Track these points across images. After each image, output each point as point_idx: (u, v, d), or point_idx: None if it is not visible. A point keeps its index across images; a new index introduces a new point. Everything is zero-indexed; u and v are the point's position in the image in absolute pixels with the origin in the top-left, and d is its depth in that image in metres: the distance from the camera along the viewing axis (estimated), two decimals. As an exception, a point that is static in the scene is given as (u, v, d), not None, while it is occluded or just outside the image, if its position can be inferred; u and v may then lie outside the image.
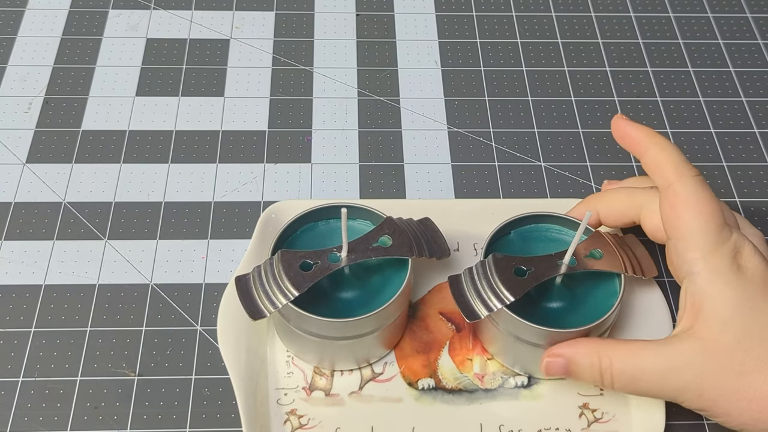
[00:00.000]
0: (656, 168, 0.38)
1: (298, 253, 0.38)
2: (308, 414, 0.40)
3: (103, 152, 0.50)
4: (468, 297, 0.38)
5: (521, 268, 0.38)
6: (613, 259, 0.39)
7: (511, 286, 0.37)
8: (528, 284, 0.38)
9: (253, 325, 0.41)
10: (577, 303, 0.39)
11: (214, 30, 0.58)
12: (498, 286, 0.37)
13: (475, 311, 0.38)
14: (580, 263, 0.39)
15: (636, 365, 0.36)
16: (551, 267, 0.39)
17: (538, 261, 0.39)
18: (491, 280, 0.38)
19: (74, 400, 0.40)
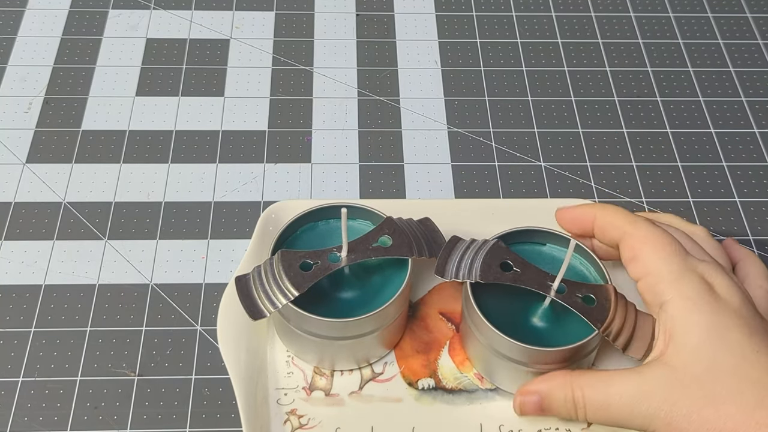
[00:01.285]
0: (608, 225, 0.39)
1: (298, 253, 0.38)
2: (308, 414, 0.40)
3: (103, 152, 0.50)
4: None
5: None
6: (601, 315, 0.37)
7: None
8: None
9: (253, 325, 0.41)
10: (563, 324, 0.39)
11: (214, 30, 0.58)
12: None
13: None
14: (568, 298, 0.37)
15: (607, 392, 0.35)
16: (540, 283, 0.38)
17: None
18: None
19: (74, 400, 0.40)
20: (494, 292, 0.39)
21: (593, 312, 0.37)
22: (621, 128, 0.53)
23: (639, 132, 0.53)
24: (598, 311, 0.37)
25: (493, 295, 0.39)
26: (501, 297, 0.39)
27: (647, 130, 0.53)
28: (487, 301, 0.38)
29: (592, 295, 0.37)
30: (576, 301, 0.37)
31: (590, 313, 0.37)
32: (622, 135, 0.53)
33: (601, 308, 0.37)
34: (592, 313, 0.37)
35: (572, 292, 0.38)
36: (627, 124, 0.53)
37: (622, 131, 0.53)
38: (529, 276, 0.38)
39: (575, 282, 0.38)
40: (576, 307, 0.37)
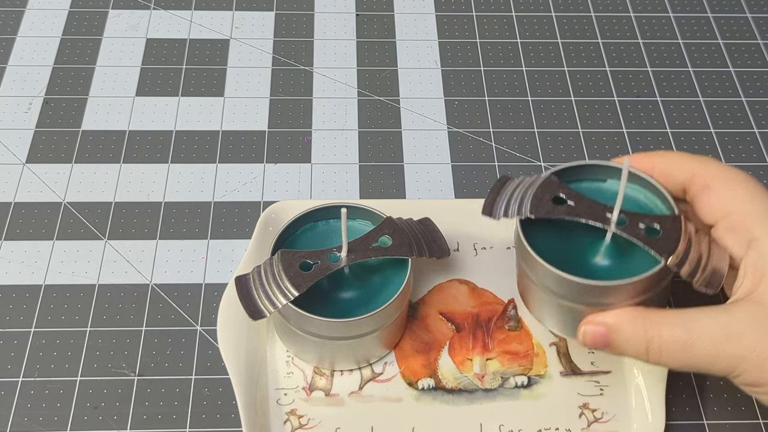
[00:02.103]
0: (672, 168, 0.37)
1: (298, 253, 0.38)
2: (308, 414, 0.40)
3: (103, 152, 0.50)
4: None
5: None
6: (667, 245, 0.34)
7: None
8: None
9: (253, 325, 0.41)
10: (626, 262, 0.36)
11: (214, 30, 0.58)
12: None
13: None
14: (630, 230, 0.35)
15: (688, 331, 0.32)
16: (596, 215, 0.35)
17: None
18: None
19: (74, 400, 0.40)
20: (548, 230, 0.36)
21: (659, 243, 0.34)
22: (621, 128, 0.53)
23: (639, 132, 0.53)
24: (664, 242, 0.34)
25: (546, 234, 0.36)
26: (556, 236, 0.37)
27: (647, 130, 0.53)
28: (541, 241, 0.36)
29: (656, 225, 0.34)
30: (638, 233, 0.34)
31: (655, 244, 0.34)
32: (622, 135, 0.53)
33: (667, 238, 0.34)
34: (657, 244, 0.34)
35: (634, 224, 0.35)
36: (627, 124, 0.53)
37: (622, 131, 0.53)
38: (585, 209, 0.35)
39: (637, 213, 0.35)
40: (639, 239, 0.34)
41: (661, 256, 0.33)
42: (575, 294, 0.35)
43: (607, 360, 0.42)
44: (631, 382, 0.41)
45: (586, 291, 0.34)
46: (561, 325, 0.38)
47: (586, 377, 0.41)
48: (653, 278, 0.34)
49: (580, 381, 0.41)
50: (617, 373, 0.42)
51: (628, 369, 0.41)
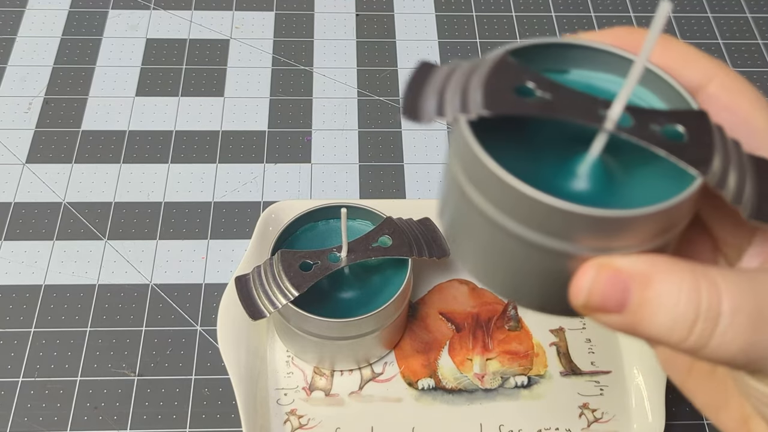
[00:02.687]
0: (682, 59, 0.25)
1: (298, 253, 0.38)
2: (308, 414, 0.40)
3: (103, 152, 0.50)
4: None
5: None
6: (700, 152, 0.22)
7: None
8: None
9: (253, 325, 0.41)
10: (631, 185, 0.23)
11: (214, 30, 0.58)
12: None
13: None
14: (641, 133, 0.22)
15: (764, 298, 0.21)
16: (586, 111, 0.22)
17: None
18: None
19: (74, 400, 0.40)
20: (503, 143, 0.22)
21: (687, 150, 0.21)
22: (621, 128, 0.53)
23: (639, 132, 0.53)
24: (694, 148, 0.22)
25: (502, 149, 0.22)
26: (516, 151, 0.23)
27: (647, 130, 0.53)
28: (497, 156, 0.21)
29: (678, 125, 0.22)
30: (655, 137, 0.22)
31: (682, 151, 0.21)
32: (622, 135, 0.53)
33: (697, 144, 0.22)
34: (685, 152, 0.21)
35: (644, 124, 0.22)
36: (627, 124, 0.53)
37: (622, 131, 0.53)
38: (567, 102, 0.22)
39: (647, 109, 0.23)
40: (658, 143, 0.21)
41: (695, 168, 0.21)
42: (557, 232, 0.21)
43: (608, 360, 0.42)
44: (631, 382, 0.41)
45: (580, 227, 0.20)
46: (521, 284, 0.23)
47: (586, 377, 0.41)
48: (684, 206, 0.21)
49: (580, 381, 0.41)
50: (617, 373, 0.42)
51: (628, 369, 0.41)
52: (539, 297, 0.23)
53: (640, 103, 0.24)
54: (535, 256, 0.22)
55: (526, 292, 0.23)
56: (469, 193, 0.22)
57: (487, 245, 0.23)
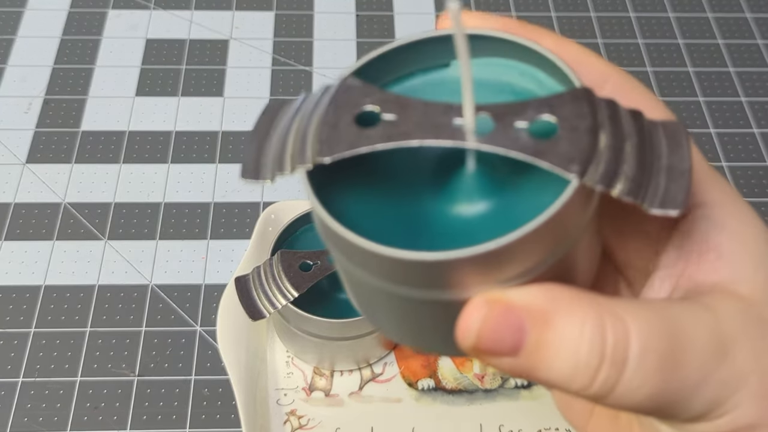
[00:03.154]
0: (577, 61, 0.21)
1: (298, 253, 0.38)
2: (308, 414, 0.40)
3: (103, 152, 0.50)
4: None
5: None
6: (576, 144, 0.18)
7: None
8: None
9: (252, 325, 0.41)
10: (507, 202, 0.19)
11: (214, 30, 0.58)
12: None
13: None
14: (502, 137, 0.18)
15: (675, 335, 0.18)
16: (434, 124, 0.19)
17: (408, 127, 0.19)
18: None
19: (74, 401, 0.40)
20: (362, 179, 0.20)
21: (558, 146, 0.18)
22: (621, 128, 0.53)
23: (639, 132, 0.53)
24: (569, 140, 0.18)
25: (361, 188, 0.20)
26: (378, 185, 0.20)
27: (647, 130, 0.53)
28: (353, 201, 0.19)
29: (549, 115, 0.18)
30: (518, 137, 0.18)
31: (551, 149, 0.18)
32: (622, 135, 0.53)
33: (572, 134, 0.18)
34: (555, 149, 0.18)
35: (507, 123, 0.18)
36: (627, 124, 0.53)
37: (622, 131, 0.53)
38: (415, 119, 0.19)
39: (512, 104, 0.19)
40: (519, 148, 0.18)
41: (566, 169, 0.17)
42: (433, 283, 0.18)
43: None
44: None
45: (453, 272, 0.17)
46: (415, 332, 0.21)
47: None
48: (567, 215, 0.17)
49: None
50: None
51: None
52: (450, 345, 0.19)
53: (530, 88, 0.21)
54: (422, 310, 0.19)
55: (434, 342, 0.21)
56: (332, 251, 0.19)
57: (373, 303, 0.20)
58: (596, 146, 0.18)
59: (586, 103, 0.18)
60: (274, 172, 0.19)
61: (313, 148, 0.19)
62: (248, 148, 0.20)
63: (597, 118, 0.18)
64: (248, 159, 0.20)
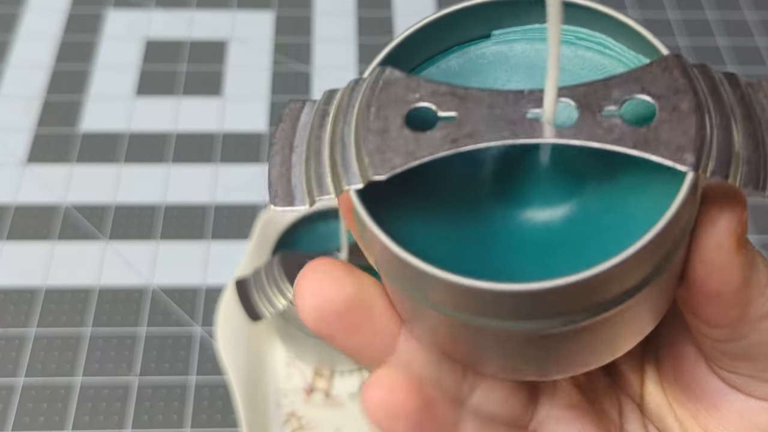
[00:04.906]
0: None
1: (298, 254, 0.38)
2: (308, 415, 0.40)
3: (103, 152, 0.50)
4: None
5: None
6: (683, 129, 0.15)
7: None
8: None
9: (252, 326, 0.41)
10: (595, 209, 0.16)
11: (214, 30, 0.58)
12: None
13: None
14: (590, 130, 0.15)
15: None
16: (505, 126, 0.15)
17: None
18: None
19: (75, 401, 0.41)
20: (415, 190, 0.17)
21: (662, 132, 0.15)
22: (620, 129, 0.53)
23: (638, 132, 0.53)
24: (673, 124, 0.15)
25: (415, 201, 0.17)
26: (433, 197, 0.17)
27: (646, 131, 0.53)
28: (407, 218, 0.16)
29: (642, 95, 0.15)
30: (614, 128, 0.15)
31: (658, 137, 0.15)
32: (622, 135, 0.53)
33: (674, 114, 0.15)
34: (661, 137, 0.15)
35: (594, 111, 0.15)
36: (626, 125, 0.53)
37: (621, 132, 0.53)
38: (479, 114, 0.16)
39: (589, 84, 0.16)
40: (621, 140, 0.15)
41: (679, 162, 0.14)
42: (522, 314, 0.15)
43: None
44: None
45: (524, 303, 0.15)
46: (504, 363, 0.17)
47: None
48: (675, 223, 0.15)
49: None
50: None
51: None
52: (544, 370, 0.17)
53: (604, 63, 0.17)
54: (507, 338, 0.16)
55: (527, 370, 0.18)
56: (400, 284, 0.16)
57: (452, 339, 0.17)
58: (704, 128, 0.15)
59: (681, 75, 0.15)
60: (312, 194, 0.16)
61: (362, 162, 0.15)
62: (273, 167, 0.17)
63: (698, 94, 0.15)
64: (276, 181, 0.16)
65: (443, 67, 0.18)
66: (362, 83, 0.17)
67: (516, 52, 0.18)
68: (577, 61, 0.17)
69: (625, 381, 0.19)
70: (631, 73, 0.16)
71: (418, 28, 0.18)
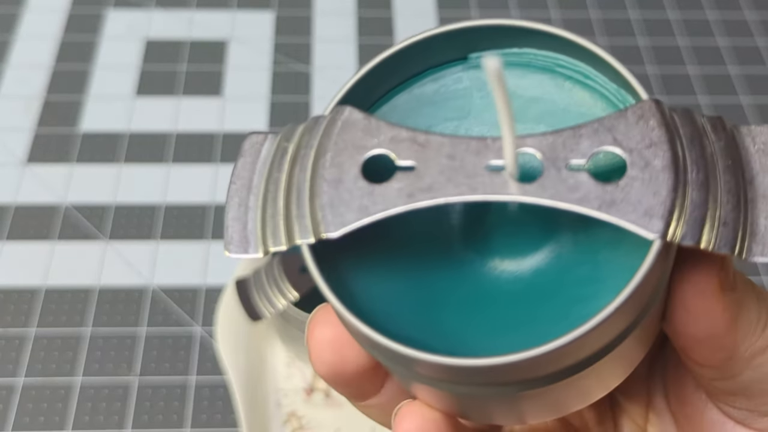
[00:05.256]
0: None
1: (299, 254, 0.38)
2: (308, 415, 0.40)
3: (103, 152, 0.50)
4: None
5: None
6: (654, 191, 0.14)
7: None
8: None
9: (252, 326, 0.41)
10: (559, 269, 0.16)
11: (214, 30, 0.58)
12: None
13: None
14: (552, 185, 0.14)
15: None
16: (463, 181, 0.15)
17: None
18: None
19: (75, 401, 0.41)
20: (373, 245, 0.16)
21: (632, 193, 0.14)
22: (620, 129, 0.53)
23: (638, 132, 0.53)
24: (643, 183, 0.14)
25: (374, 257, 0.16)
26: (393, 252, 0.16)
27: (646, 131, 0.53)
28: (366, 277, 0.16)
29: (613, 147, 0.14)
30: (580, 185, 0.14)
31: (626, 198, 0.14)
32: (622, 135, 0.53)
33: (646, 172, 0.14)
34: (629, 198, 0.14)
35: (559, 164, 0.14)
36: (626, 125, 0.53)
37: (621, 132, 0.53)
38: (439, 164, 0.15)
39: (556, 133, 0.15)
40: (586, 200, 0.14)
41: (645, 228, 0.14)
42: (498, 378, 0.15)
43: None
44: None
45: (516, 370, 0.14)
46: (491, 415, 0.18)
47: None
48: (642, 287, 0.14)
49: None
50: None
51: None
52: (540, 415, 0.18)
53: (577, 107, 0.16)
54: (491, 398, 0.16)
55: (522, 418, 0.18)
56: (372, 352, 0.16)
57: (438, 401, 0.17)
58: (677, 187, 0.14)
59: (657, 124, 0.14)
60: (266, 244, 0.16)
61: (314, 217, 0.15)
62: (231, 208, 0.16)
63: (674, 147, 0.14)
64: (232, 224, 0.16)
65: (416, 92, 0.18)
66: (322, 122, 0.16)
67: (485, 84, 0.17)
68: (554, 92, 0.17)
69: (627, 412, 0.19)
70: (604, 121, 0.15)
71: (389, 55, 0.17)
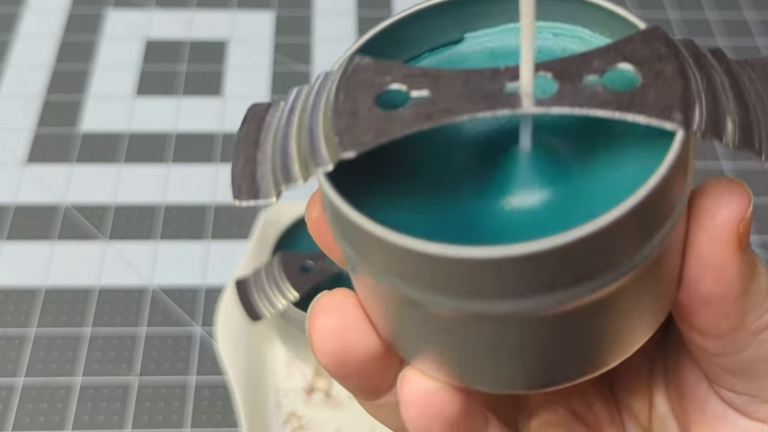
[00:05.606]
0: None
1: (299, 254, 0.38)
2: (308, 415, 0.40)
3: (103, 152, 0.50)
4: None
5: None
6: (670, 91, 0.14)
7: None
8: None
9: (252, 326, 0.41)
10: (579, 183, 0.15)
11: (214, 30, 0.58)
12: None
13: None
14: (572, 97, 0.14)
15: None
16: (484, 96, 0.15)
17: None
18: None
19: (75, 401, 0.41)
20: (389, 176, 0.16)
21: (647, 95, 0.14)
22: (620, 129, 0.53)
23: (638, 132, 0.53)
24: (657, 87, 0.14)
25: (390, 187, 0.16)
26: (409, 182, 0.16)
27: (646, 131, 0.53)
28: (383, 205, 0.16)
29: (627, 64, 0.15)
30: (596, 94, 0.14)
31: (642, 99, 0.14)
32: (622, 135, 0.53)
33: (658, 79, 0.14)
34: (646, 99, 0.14)
35: (574, 81, 0.15)
36: (626, 125, 0.53)
37: (621, 132, 0.53)
38: (454, 91, 0.15)
39: (573, 57, 0.15)
40: (604, 104, 0.14)
41: (667, 119, 0.14)
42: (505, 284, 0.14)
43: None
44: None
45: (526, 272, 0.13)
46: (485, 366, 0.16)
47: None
48: (666, 185, 0.14)
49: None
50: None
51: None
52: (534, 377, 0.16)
53: (564, 52, 0.17)
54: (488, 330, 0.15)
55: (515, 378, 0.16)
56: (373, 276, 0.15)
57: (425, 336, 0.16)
58: (691, 90, 0.14)
59: (663, 44, 0.15)
60: (278, 185, 0.15)
61: (330, 144, 0.14)
62: (237, 163, 0.16)
63: (682, 60, 0.14)
64: (239, 175, 0.16)
65: (443, 53, 0.18)
66: (331, 74, 0.16)
67: (492, 52, 0.18)
68: (555, 50, 0.17)
69: (630, 407, 0.19)
70: (611, 45, 0.15)
71: (385, 26, 0.18)
